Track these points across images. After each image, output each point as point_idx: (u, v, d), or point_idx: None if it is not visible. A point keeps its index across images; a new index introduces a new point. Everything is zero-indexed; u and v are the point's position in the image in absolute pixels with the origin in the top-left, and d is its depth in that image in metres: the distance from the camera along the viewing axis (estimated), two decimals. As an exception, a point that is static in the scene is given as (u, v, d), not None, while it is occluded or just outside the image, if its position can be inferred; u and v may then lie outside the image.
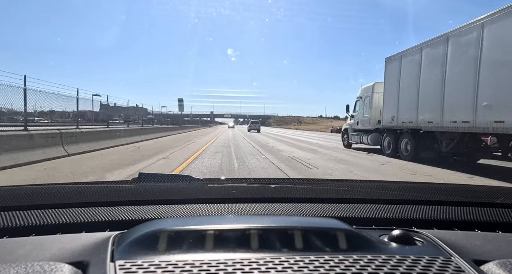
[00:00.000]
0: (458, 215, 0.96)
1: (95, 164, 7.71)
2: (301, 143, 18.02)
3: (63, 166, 7.29)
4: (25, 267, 0.53)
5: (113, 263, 0.57)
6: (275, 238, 0.63)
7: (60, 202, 0.93)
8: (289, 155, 10.71)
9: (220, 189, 1.17)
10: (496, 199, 1.03)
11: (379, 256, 0.59)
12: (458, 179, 6.77)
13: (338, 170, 7.56)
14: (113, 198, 1.01)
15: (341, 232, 0.66)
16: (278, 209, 0.97)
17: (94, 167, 7.19)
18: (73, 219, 0.86)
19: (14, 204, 0.90)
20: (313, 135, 30.90)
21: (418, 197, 1.09)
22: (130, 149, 11.65)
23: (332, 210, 0.97)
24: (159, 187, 1.16)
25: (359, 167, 8.16)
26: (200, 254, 0.59)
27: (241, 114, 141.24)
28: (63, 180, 5.63)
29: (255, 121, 42.80)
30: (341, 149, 14.25)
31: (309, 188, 1.26)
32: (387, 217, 0.95)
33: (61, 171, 6.62)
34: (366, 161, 9.81)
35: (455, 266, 0.58)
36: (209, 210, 0.96)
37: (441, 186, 1.39)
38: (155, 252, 0.59)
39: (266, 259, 0.57)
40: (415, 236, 0.73)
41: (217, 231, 0.64)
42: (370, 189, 1.23)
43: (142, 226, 0.69)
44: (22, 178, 5.72)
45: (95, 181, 1.24)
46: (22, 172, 6.36)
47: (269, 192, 1.13)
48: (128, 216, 0.89)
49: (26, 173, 6.25)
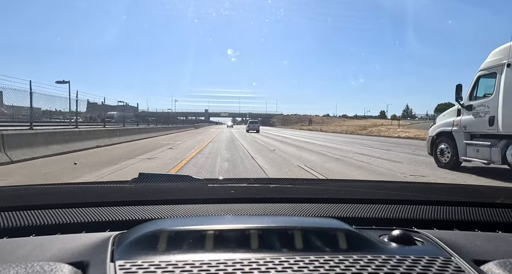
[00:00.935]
0: (458, 215, 0.96)
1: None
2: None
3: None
4: (25, 267, 0.53)
5: (113, 263, 0.57)
6: (275, 238, 0.63)
7: (60, 202, 0.93)
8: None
9: (220, 189, 1.17)
10: (496, 199, 1.03)
11: (379, 256, 0.59)
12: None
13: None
14: (113, 198, 1.01)
15: (341, 232, 0.66)
16: (278, 209, 0.97)
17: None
18: (73, 219, 0.86)
19: (14, 204, 0.90)
20: (380, 148, 15.30)
21: (418, 197, 1.09)
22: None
23: (332, 210, 0.97)
24: (159, 187, 1.16)
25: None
26: (200, 254, 0.59)
27: (240, 113, 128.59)
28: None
29: (254, 121, 40.06)
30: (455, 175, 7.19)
31: (309, 188, 1.26)
32: (387, 217, 0.95)
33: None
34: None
35: (455, 266, 0.58)
36: (209, 210, 0.96)
37: (441, 186, 1.39)
38: (155, 252, 0.59)
39: (266, 259, 0.57)
40: (415, 236, 0.73)
41: (217, 231, 0.64)
42: (370, 189, 1.23)
43: (142, 226, 0.69)
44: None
45: (95, 181, 1.24)
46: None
47: (269, 192, 1.13)
48: (128, 216, 0.89)
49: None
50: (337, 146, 15.89)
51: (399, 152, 13.14)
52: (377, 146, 16.76)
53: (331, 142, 19.68)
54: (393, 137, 28.85)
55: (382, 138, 27.58)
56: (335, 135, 32.43)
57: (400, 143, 19.51)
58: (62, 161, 8.70)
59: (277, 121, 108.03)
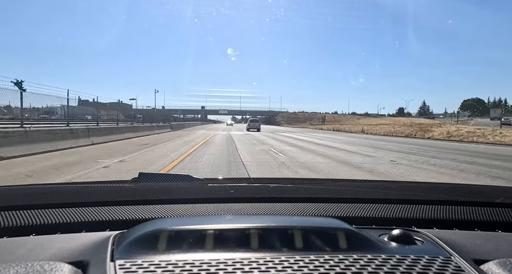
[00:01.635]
0: (458, 215, 0.96)
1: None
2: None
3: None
4: (25, 267, 0.53)
5: (113, 263, 0.57)
6: (275, 238, 0.63)
7: (60, 202, 0.93)
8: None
9: (220, 189, 1.17)
10: (496, 199, 1.03)
11: (379, 256, 0.59)
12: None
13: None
14: (113, 198, 1.01)
15: (341, 231, 0.66)
16: (278, 209, 0.97)
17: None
18: (73, 219, 0.86)
19: (14, 204, 0.90)
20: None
21: (418, 196, 1.09)
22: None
23: (332, 209, 0.97)
24: (159, 186, 1.16)
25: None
26: (200, 254, 0.59)
27: (241, 110, 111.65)
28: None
29: (254, 120, 38.71)
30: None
31: (309, 188, 1.26)
32: (387, 216, 0.95)
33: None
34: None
35: (455, 265, 0.58)
36: (209, 210, 0.96)
37: (441, 185, 1.39)
38: (155, 252, 0.59)
39: (266, 258, 0.58)
40: (415, 235, 0.73)
41: (217, 231, 0.64)
42: (370, 188, 1.23)
43: (142, 225, 0.69)
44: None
45: (95, 181, 1.24)
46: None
47: (269, 192, 1.13)
48: (128, 215, 0.89)
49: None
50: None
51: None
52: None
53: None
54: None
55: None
56: (402, 142, 20.12)
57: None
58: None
59: (282, 119, 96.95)
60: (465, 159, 10.30)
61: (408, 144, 18.34)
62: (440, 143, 20.25)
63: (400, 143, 18.68)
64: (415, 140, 24.21)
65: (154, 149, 11.82)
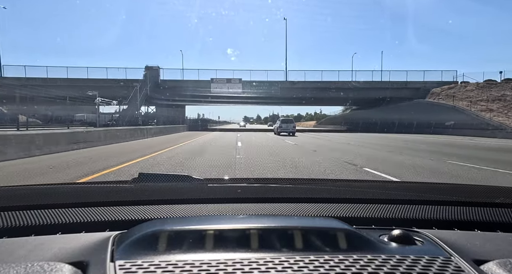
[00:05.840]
0: (458, 215, 0.96)
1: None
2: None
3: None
4: (25, 267, 0.53)
5: (113, 263, 0.57)
6: (275, 238, 0.63)
7: (60, 202, 0.93)
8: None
9: (220, 189, 1.17)
10: (496, 199, 1.03)
11: (379, 256, 0.59)
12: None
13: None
14: (113, 198, 1.01)
15: (341, 232, 0.66)
16: (278, 209, 0.97)
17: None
18: (73, 219, 0.86)
19: (14, 204, 0.90)
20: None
21: (418, 197, 1.09)
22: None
23: (332, 210, 0.97)
24: (159, 187, 1.16)
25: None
26: (200, 254, 0.59)
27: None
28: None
29: (288, 120, 26.70)
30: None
31: (309, 188, 1.26)
32: (387, 217, 0.95)
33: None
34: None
35: (455, 265, 0.58)
36: (209, 210, 0.96)
37: (441, 186, 1.39)
38: (155, 252, 0.59)
39: (266, 259, 0.57)
40: (415, 236, 0.73)
41: (217, 231, 0.64)
42: (370, 189, 1.23)
43: (142, 226, 0.69)
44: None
45: (95, 181, 1.24)
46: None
47: (269, 192, 1.13)
48: (128, 216, 0.89)
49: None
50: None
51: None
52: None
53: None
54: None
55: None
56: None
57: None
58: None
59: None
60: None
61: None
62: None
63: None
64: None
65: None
